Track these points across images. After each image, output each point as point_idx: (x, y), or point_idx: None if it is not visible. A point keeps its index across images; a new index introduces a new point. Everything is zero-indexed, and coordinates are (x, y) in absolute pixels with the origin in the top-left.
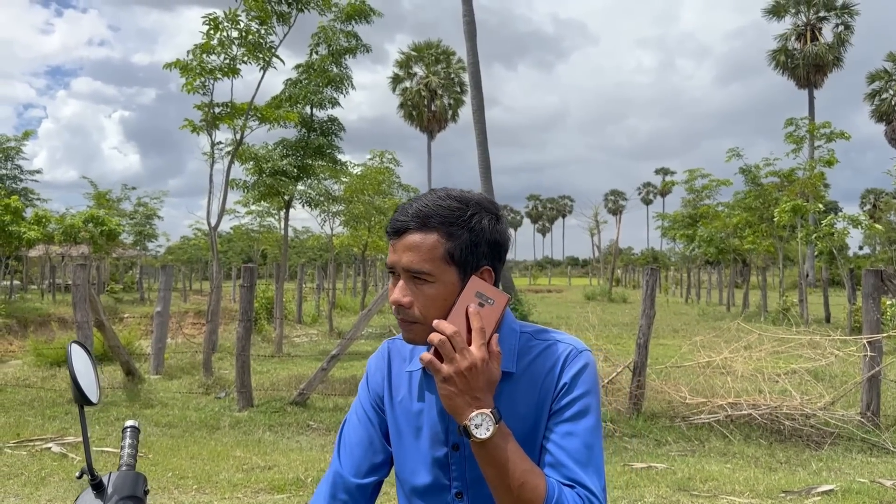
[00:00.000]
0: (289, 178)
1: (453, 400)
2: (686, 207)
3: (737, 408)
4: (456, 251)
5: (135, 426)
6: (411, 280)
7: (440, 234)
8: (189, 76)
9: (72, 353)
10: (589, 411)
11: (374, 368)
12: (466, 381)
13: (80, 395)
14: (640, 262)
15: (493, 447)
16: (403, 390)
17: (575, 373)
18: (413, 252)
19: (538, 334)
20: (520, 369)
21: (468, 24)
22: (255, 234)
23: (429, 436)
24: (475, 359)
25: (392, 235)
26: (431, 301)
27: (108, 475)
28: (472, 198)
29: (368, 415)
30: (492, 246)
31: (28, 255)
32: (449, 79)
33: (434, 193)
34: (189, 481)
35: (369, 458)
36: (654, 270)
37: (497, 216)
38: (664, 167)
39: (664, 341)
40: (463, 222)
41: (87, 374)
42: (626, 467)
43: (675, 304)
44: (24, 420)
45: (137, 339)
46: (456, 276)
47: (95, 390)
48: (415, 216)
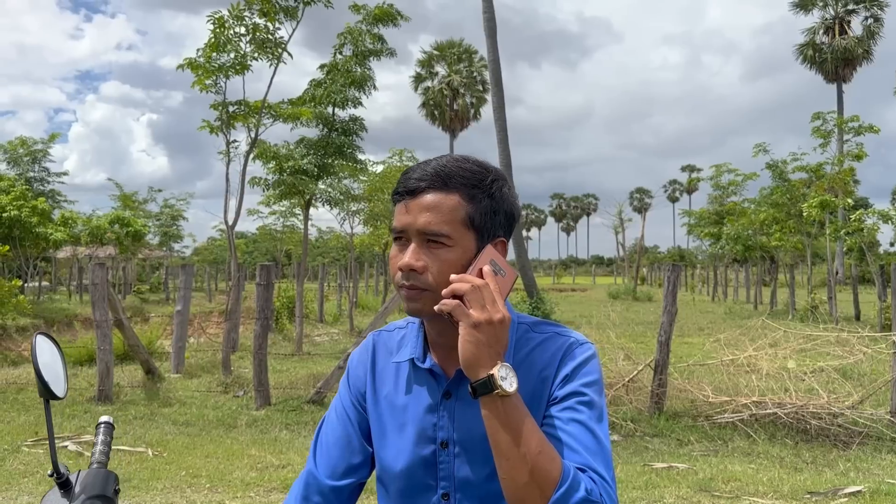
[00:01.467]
0: (309, 177)
1: (479, 349)
2: (712, 204)
3: (762, 406)
4: (476, 215)
5: (109, 422)
6: (425, 244)
7: (462, 195)
8: (199, 73)
9: (36, 346)
10: (594, 403)
11: (357, 362)
12: (496, 334)
13: (44, 388)
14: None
15: (512, 407)
16: (389, 384)
17: (577, 364)
18: (432, 212)
19: (536, 326)
20: (516, 361)
21: (488, 22)
22: (278, 235)
23: (414, 433)
24: (506, 314)
25: (405, 195)
26: (447, 267)
27: (76, 473)
28: (490, 165)
29: (348, 412)
30: (508, 217)
31: (56, 256)
32: (471, 77)
33: (450, 155)
34: (202, 480)
35: (346, 459)
36: (675, 267)
37: (511, 187)
38: (690, 164)
39: (689, 339)
40: (485, 186)
41: (53, 368)
42: (646, 467)
43: (701, 303)
44: (43, 419)
45: (159, 339)
46: (474, 242)
47: (62, 384)
48: (434, 175)
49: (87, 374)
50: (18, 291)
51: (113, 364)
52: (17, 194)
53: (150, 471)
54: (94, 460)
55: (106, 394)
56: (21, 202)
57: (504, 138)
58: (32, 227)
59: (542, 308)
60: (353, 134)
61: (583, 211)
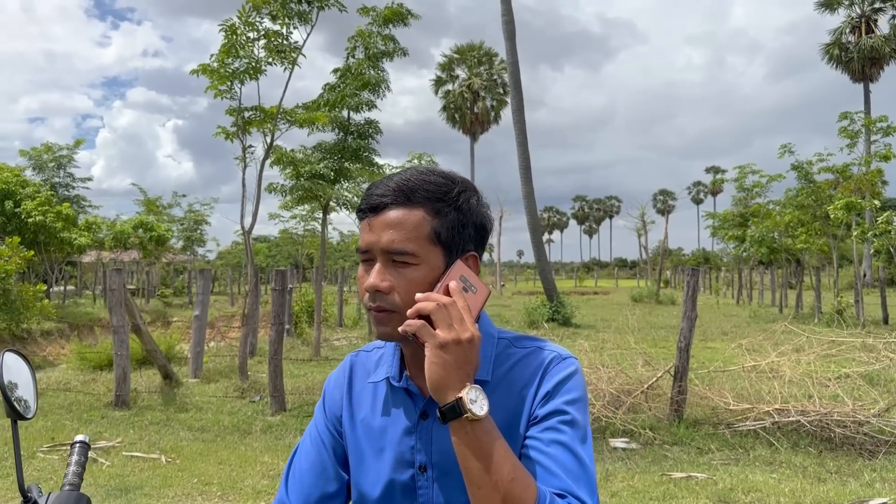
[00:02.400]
0: (326, 182)
1: (447, 371)
2: (736, 206)
3: (784, 414)
4: (443, 230)
5: (84, 441)
6: (391, 263)
7: (426, 210)
8: (213, 79)
9: (3, 364)
10: (576, 422)
11: (333, 385)
12: (464, 354)
13: (10, 408)
14: (690, 262)
15: (483, 432)
16: (366, 407)
17: (559, 380)
18: (395, 230)
19: (518, 341)
20: (496, 378)
21: (507, 24)
22: (299, 238)
23: (392, 457)
24: (475, 333)
25: (368, 213)
26: (415, 286)
27: (46, 496)
28: (457, 176)
29: (322, 438)
30: (478, 229)
31: (81, 260)
32: (491, 80)
33: (414, 168)
34: (214, 488)
35: (320, 487)
36: (694, 271)
37: (480, 198)
38: (715, 165)
39: (712, 344)
40: (451, 199)
41: (23, 386)
42: (663, 477)
43: (725, 306)
44: (60, 424)
45: (179, 343)
46: (441, 258)
47: (32, 403)
48: (397, 190)
49: (105, 379)
50: (43, 296)
51: (130, 369)
52: (42, 200)
53: (162, 478)
54: (66, 482)
55: (123, 399)
56: (46, 207)
57: (523, 141)
58: (57, 233)
59: (561, 311)
60: (368, 137)
61: (605, 213)
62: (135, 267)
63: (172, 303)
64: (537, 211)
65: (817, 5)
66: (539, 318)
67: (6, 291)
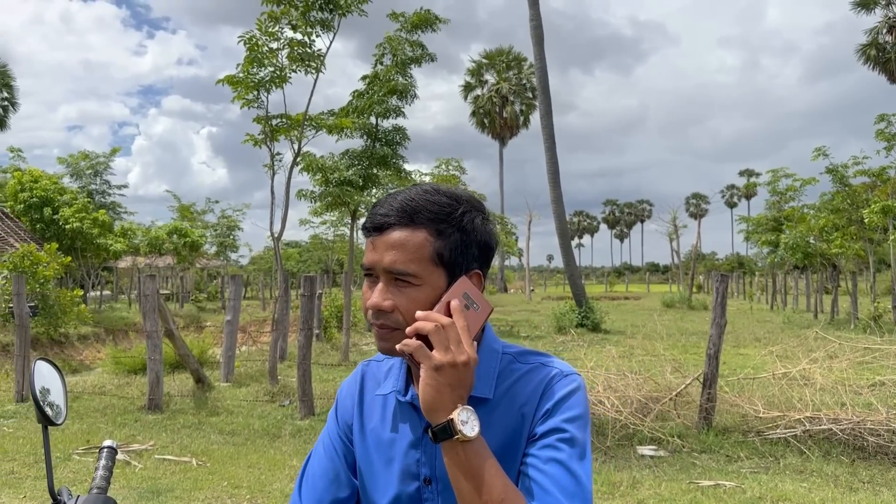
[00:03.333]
0: (354, 188)
1: (440, 392)
2: (770, 210)
3: (816, 422)
4: (446, 251)
5: (112, 447)
6: (393, 282)
7: (429, 231)
8: (239, 89)
9: (34, 372)
10: (575, 440)
11: (346, 394)
12: (459, 376)
13: (41, 415)
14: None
15: (474, 453)
16: (376, 418)
17: (560, 397)
18: (397, 251)
19: (522, 356)
20: (498, 394)
21: (535, 29)
22: (329, 244)
23: (399, 469)
24: (472, 355)
25: (371, 232)
26: (416, 305)
27: (75, 499)
28: (463, 194)
29: (335, 445)
30: (482, 248)
31: (117, 266)
32: (520, 85)
33: (419, 187)
34: (243, 491)
35: (332, 492)
36: (724, 277)
37: (486, 216)
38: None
39: (745, 350)
40: (454, 220)
41: (54, 393)
42: (691, 485)
43: (759, 312)
44: (95, 427)
45: (211, 347)
46: (444, 278)
47: (62, 410)
48: (400, 210)
49: (140, 383)
50: (80, 301)
51: (163, 373)
52: (79, 206)
53: (192, 481)
54: (93, 486)
55: (156, 403)
56: (83, 214)
57: (552, 146)
58: (94, 239)
59: (590, 317)
60: (396, 144)
61: (636, 217)
62: (169, 272)
63: (206, 307)
64: (566, 215)
65: (853, 5)
66: (568, 324)
67: (45, 296)
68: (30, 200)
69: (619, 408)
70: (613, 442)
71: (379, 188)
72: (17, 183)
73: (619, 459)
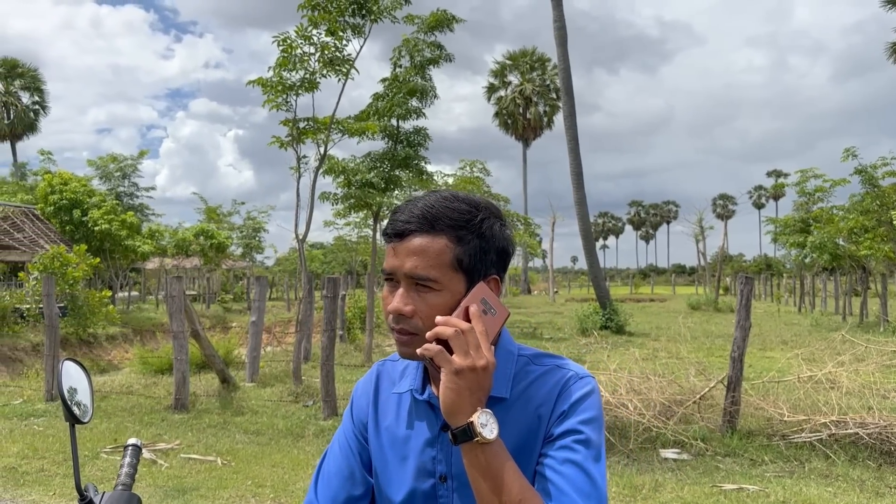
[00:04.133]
0: (376, 190)
1: (461, 396)
2: (798, 211)
3: (842, 426)
4: (465, 257)
5: (136, 445)
6: (413, 288)
7: (449, 237)
8: (270, 93)
9: (62, 372)
10: (591, 442)
11: (361, 393)
12: (478, 381)
13: (69, 413)
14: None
15: (492, 455)
16: (390, 416)
17: (576, 399)
18: (418, 257)
19: (537, 359)
20: (514, 395)
21: (559, 30)
22: (352, 245)
23: (414, 466)
24: (490, 360)
25: (392, 238)
26: (436, 310)
27: (101, 495)
28: (481, 201)
29: (350, 444)
30: (500, 254)
31: (145, 267)
32: (544, 86)
33: (438, 194)
34: (267, 490)
35: (347, 490)
36: (748, 279)
37: (504, 222)
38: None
39: (771, 353)
40: (473, 227)
41: (81, 392)
42: (714, 488)
43: (786, 314)
44: (123, 426)
45: (237, 348)
46: (463, 284)
47: (88, 408)
48: (421, 217)
49: (166, 383)
50: (109, 301)
51: (189, 373)
52: (107, 209)
53: (217, 480)
54: (118, 482)
55: (182, 402)
56: (112, 216)
57: (575, 147)
58: (122, 240)
59: (615, 319)
60: (417, 146)
61: (662, 218)
62: (196, 273)
63: (232, 308)
64: (589, 217)
65: (883, 2)
66: (591, 326)
67: (74, 297)
68: (60, 202)
69: (641, 410)
70: (636, 445)
71: (401, 190)
72: (48, 185)
73: (642, 462)
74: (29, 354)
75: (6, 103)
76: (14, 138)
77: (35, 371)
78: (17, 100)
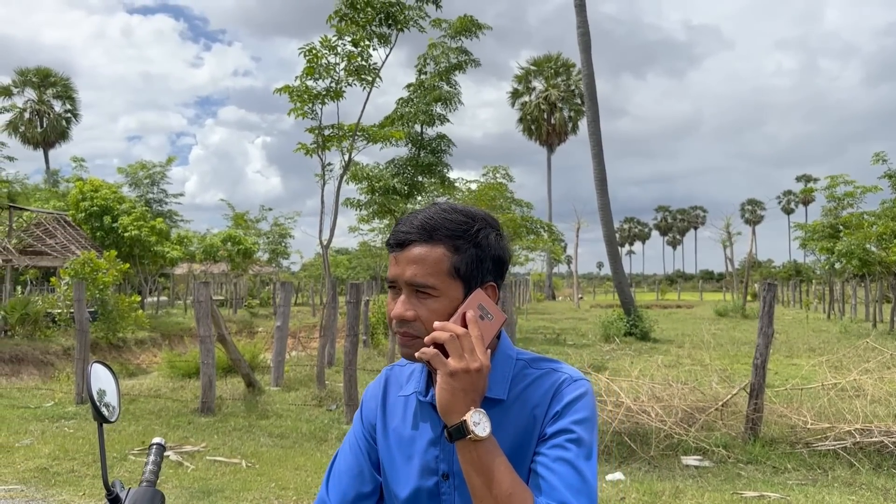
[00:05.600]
0: (400, 196)
1: (455, 396)
2: (827, 217)
3: (867, 434)
4: (462, 265)
5: (160, 444)
6: (414, 294)
7: (446, 247)
8: (296, 101)
9: (91, 374)
10: (582, 441)
11: (370, 396)
12: (472, 382)
13: (97, 413)
14: (780, 274)
15: (485, 451)
16: (397, 417)
17: (569, 401)
18: (418, 265)
19: (534, 363)
20: (511, 397)
21: (582, 36)
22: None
23: (419, 465)
24: (484, 363)
25: (394, 248)
26: (435, 316)
27: (126, 491)
28: (478, 213)
29: (360, 444)
30: (496, 262)
31: (173, 272)
32: (569, 91)
33: (438, 206)
34: (290, 492)
35: (356, 487)
36: (771, 286)
37: (500, 233)
38: (806, 174)
39: (798, 360)
40: (470, 237)
41: (109, 394)
42: (735, 496)
43: (815, 321)
44: (150, 429)
45: (262, 352)
46: (461, 290)
47: (116, 409)
48: (420, 228)
49: (193, 387)
50: (138, 306)
51: (215, 377)
52: (137, 215)
53: (242, 482)
54: (143, 479)
55: (208, 406)
56: (141, 222)
57: (599, 153)
58: (151, 246)
59: (639, 326)
60: (440, 152)
61: (689, 224)
62: (223, 279)
63: (258, 313)
64: (613, 223)
65: None
66: (615, 332)
67: (104, 302)
68: (90, 209)
69: (663, 417)
70: (657, 451)
71: (424, 195)
72: (79, 192)
73: (663, 469)
74: (60, 358)
75: (39, 112)
76: (47, 146)
77: (66, 374)
78: (50, 108)
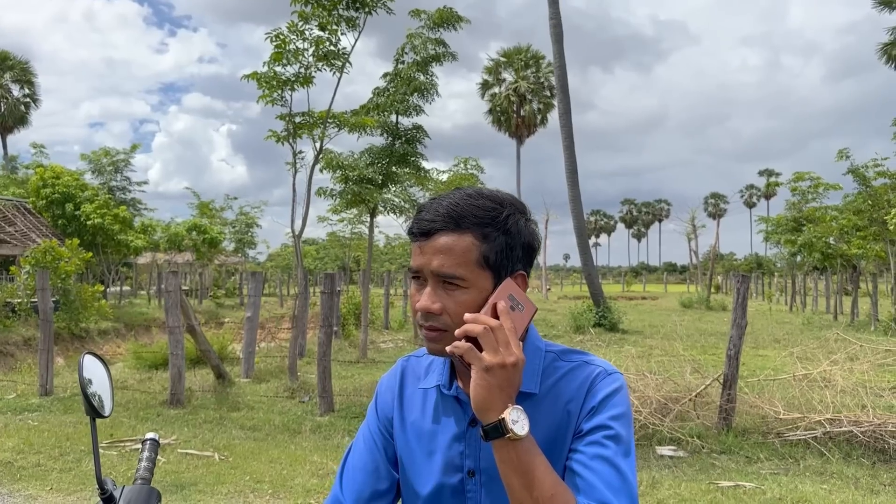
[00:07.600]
0: (374, 186)
1: (491, 393)
2: (790, 210)
3: (836, 424)
4: (491, 254)
5: (154, 439)
6: (441, 285)
7: (475, 235)
8: (264, 88)
9: (83, 365)
10: (620, 437)
11: (385, 388)
12: (508, 377)
13: (90, 407)
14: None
15: (524, 451)
16: (416, 411)
17: (605, 395)
18: (445, 255)
19: (565, 355)
20: (543, 391)
21: (554, 27)
22: (346, 241)
23: (442, 461)
24: (520, 357)
25: (418, 237)
26: (464, 308)
27: (120, 488)
28: (506, 197)
29: (375, 439)
30: (526, 249)
31: (137, 261)
32: (538, 83)
33: (463, 191)
34: (265, 486)
35: (372, 485)
36: (745, 277)
37: (528, 218)
38: (768, 168)
39: (764, 352)
40: (499, 223)
41: (100, 386)
42: (711, 485)
43: (778, 313)
44: (118, 421)
45: (231, 343)
46: (490, 280)
47: (108, 402)
48: (446, 216)
49: (161, 378)
50: (101, 296)
51: (185, 369)
52: (100, 203)
53: (215, 475)
54: (137, 476)
55: (178, 398)
56: (104, 210)
57: (570, 145)
58: (114, 235)
59: (608, 317)
60: (416, 142)
61: (654, 217)
62: (188, 268)
63: (224, 304)
64: (584, 215)
65: (876, 3)
66: (585, 324)
67: (66, 291)
68: (52, 196)
69: (637, 408)
70: None
71: (398, 186)
72: (40, 179)
73: (639, 459)
74: (21, 349)
75: None
76: (5, 131)
77: (28, 366)
78: (8, 92)
